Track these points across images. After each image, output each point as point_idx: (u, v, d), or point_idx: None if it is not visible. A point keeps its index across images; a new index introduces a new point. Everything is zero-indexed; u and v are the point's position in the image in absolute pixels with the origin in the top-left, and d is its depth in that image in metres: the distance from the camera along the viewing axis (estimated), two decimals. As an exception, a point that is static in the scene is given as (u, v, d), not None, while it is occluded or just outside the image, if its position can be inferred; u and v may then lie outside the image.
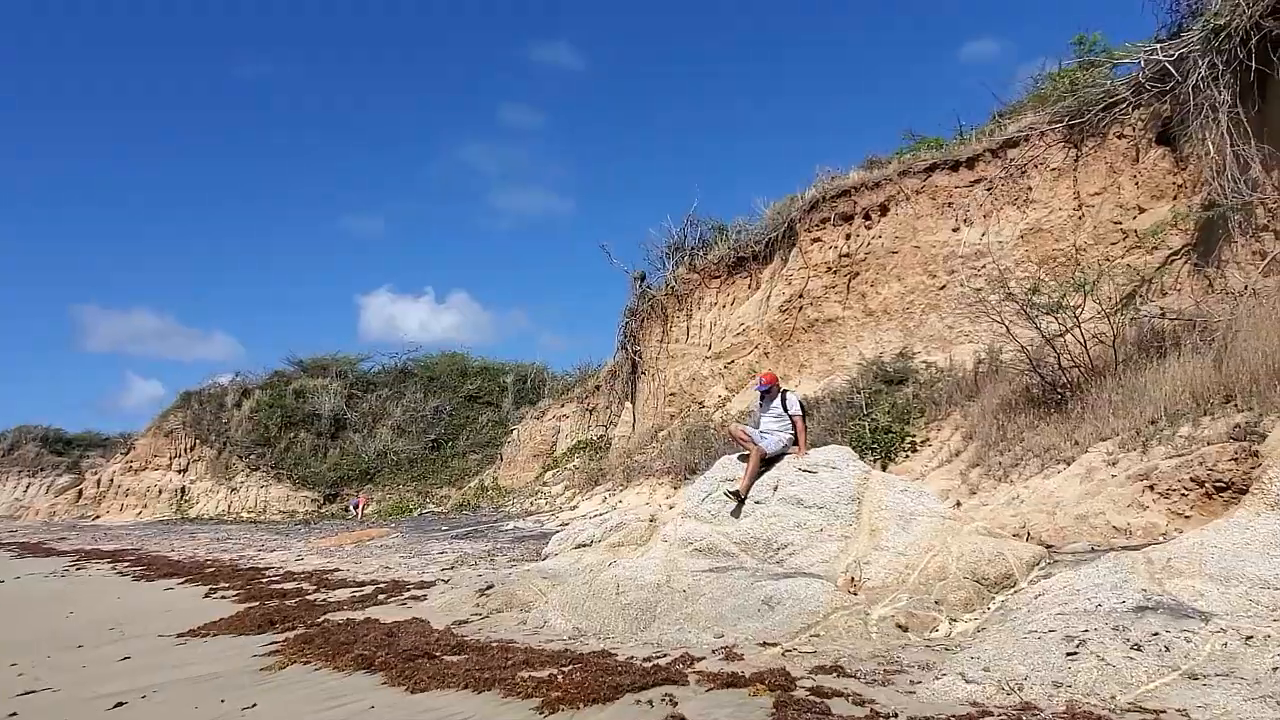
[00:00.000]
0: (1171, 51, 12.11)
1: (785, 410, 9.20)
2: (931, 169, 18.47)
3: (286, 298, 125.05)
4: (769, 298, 21.84)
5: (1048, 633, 5.20)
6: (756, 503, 8.36)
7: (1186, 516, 8.71)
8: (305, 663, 6.82)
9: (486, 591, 9.24)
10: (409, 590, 10.80)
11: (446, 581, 11.19)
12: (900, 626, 6.18)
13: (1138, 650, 4.73)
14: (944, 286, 17.62)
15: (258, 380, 45.05)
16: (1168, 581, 5.64)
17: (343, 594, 10.88)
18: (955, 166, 18.15)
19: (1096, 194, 15.46)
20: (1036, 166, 16.43)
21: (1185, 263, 13.51)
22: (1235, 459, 8.22)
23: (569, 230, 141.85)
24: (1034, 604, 6.04)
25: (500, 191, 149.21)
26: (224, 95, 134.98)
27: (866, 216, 19.64)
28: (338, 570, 13.71)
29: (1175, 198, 14.18)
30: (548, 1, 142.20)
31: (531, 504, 23.24)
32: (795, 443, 9.14)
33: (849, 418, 15.93)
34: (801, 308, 20.43)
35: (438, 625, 8.06)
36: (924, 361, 16.64)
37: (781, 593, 6.60)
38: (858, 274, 19.42)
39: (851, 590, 6.86)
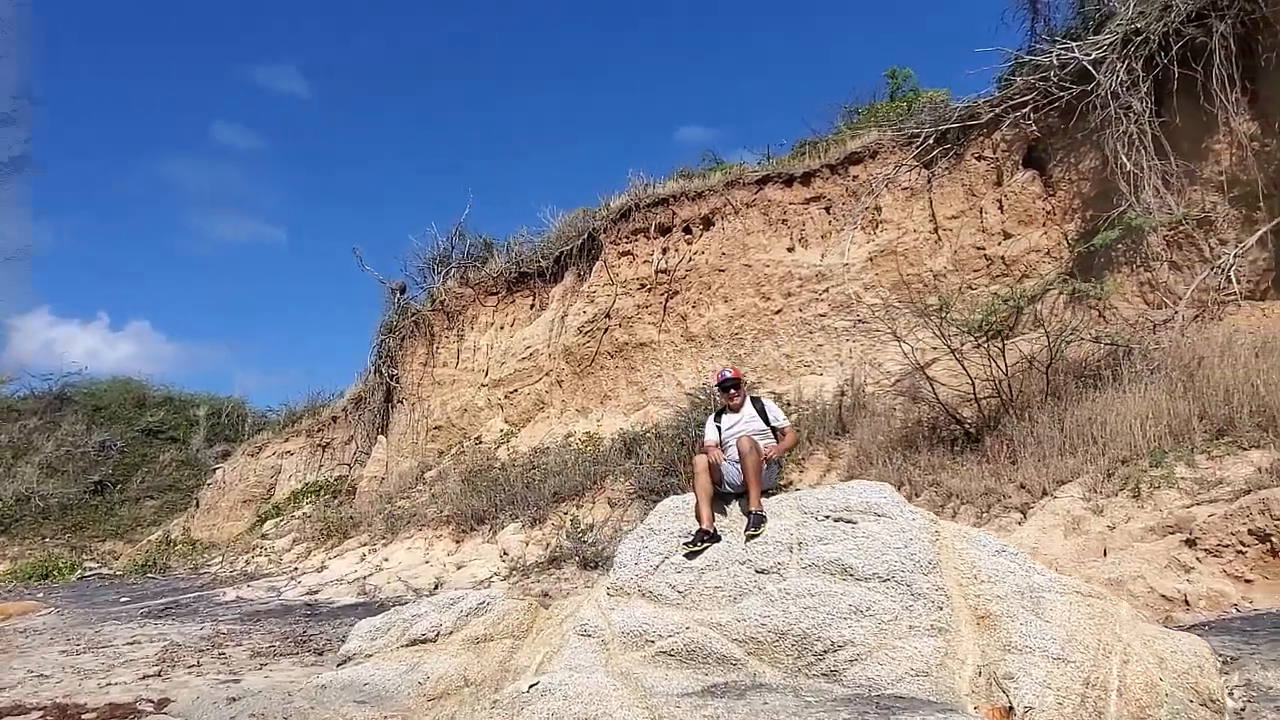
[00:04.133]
0: (1089, 51, 10.90)
1: (768, 422, 6.25)
2: (763, 181, 16.56)
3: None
4: (564, 318, 18.77)
5: None
6: (759, 572, 5.24)
7: (1248, 580, 6.82)
8: None
9: (268, 737, 5.23)
10: (96, 727, 6.34)
11: (164, 708, 6.78)
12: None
13: None
14: (780, 311, 15.61)
15: None
16: None
17: (-36, 740, 6.17)
18: (790, 181, 16.34)
19: (954, 217, 14.21)
20: (886, 185, 14.98)
21: (1060, 293, 12.37)
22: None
23: (280, 263, 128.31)
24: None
25: (202, 214, 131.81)
26: None
27: (687, 230, 17.32)
28: (-47, 682, 8.51)
29: (1045, 224, 13.16)
30: (275, 25, 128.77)
31: (249, 562, 17.96)
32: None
33: (686, 456, 13.22)
34: (608, 329, 17.58)
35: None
36: (770, 393, 14.38)
37: (942, 752, 3.53)
38: (677, 293, 16.97)
39: (1010, 730, 3.97)
